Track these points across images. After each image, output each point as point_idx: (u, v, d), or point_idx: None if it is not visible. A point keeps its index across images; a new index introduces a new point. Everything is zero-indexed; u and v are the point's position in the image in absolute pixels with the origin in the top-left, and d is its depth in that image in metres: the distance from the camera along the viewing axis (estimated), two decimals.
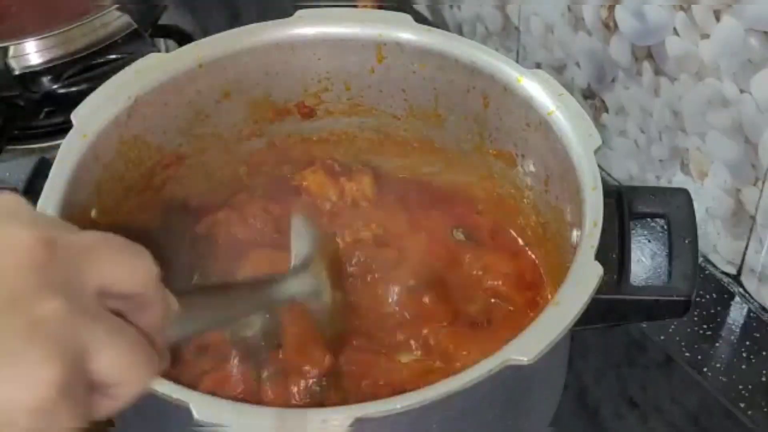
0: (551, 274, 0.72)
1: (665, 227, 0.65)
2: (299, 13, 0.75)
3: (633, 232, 0.64)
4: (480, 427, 0.59)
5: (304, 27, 0.74)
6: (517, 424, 0.62)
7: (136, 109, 0.70)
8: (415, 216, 0.77)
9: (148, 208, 0.73)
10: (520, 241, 0.76)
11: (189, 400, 0.52)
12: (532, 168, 0.72)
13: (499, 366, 0.52)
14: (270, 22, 0.74)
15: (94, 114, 0.68)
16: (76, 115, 0.68)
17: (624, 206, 0.64)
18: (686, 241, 0.63)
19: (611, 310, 0.61)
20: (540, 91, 0.68)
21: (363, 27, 0.74)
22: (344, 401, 0.63)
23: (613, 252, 0.61)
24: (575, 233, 0.62)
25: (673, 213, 0.65)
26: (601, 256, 0.58)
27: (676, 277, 0.62)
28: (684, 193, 0.66)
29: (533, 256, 0.75)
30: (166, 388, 0.52)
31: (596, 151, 0.64)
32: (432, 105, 0.76)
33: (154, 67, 0.71)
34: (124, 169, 0.70)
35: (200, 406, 0.51)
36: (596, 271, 0.57)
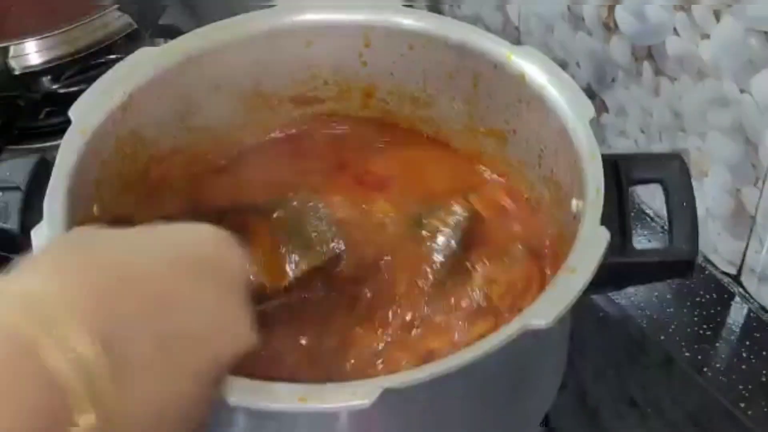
0: (550, 245, 0.72)
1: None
2: (284, 1, 0.75)
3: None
4: (497, 396, 0.60)
5: (290, 15, 0.74)
6: (531, 388, 0.64)
7: (130, 104, 0.69)
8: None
9: (145, 202, 0.73)
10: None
11: None
12: (524, 143, 0.72)
13: (518, 331, 0.53)
14: (256, 12, 0.74)
15: (91, 110, 0.68)
16: (73, 111, 0.68)
17: (621, 174, 0.65)
18: (684, 204, 0.63)
19: (617, 274, 0.61)
20: (531, 66, 0.68)
21: (349, 13, 0.74)
22: None
23: (614, 219, 0.62)
24: (575, 203, 0.63)
25: (669, 178, 0.65)
26: (603, 222, 0.59)
27: (678, 239, 0.62)
28: (678, 158, 0.66)
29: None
30: None
31: (591, 121, 0.64)
32: (420, 87, 0.76)
33: (145, 62, 0.71)
34: (121, 165, 0.70)
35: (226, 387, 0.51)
36: (604, 235, 0.57)
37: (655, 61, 0.79)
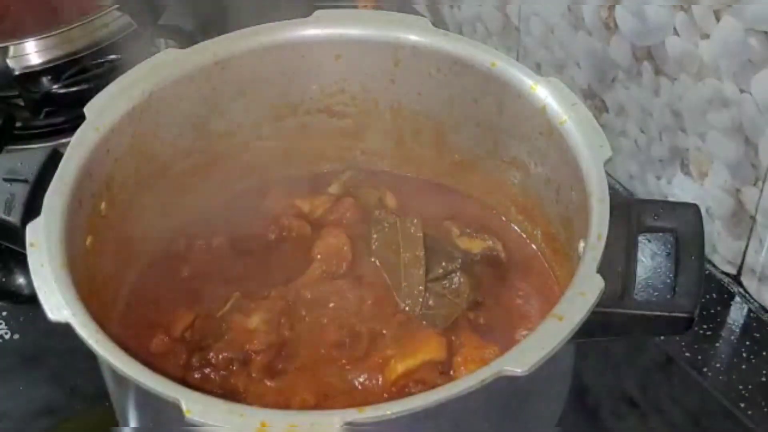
0: (561, 284, 0.71)
1: (673, 242, 0.64)
2: (317, 13, 0.74)
3: (641, 245, 0.63)
4: None
5: (322, 28, 0.74)
6: (520, 429, 0.62)
7: (150, 103, 0.70)
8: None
9: (160, 203, 0.73)
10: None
11: (180, 396, 0.52)
12: (544, 177, 0.71)
13: (492, 376, 0.52)
14: (287, 22, 0.74)
15: (108, 108, 0.68)
16: (89, 108, 0.68)
17: (632, 219, 0.63)
18: (693, 258, 0.62)
19: (613, 323, 0.60)
20: (553, 99, 0.68)
21: (381, 29, 0.74)
22: None
23: (619, 265, 0.60)
24: (581, 244, 0.62)
25: (682, 228, 0.63)
26: (605, 268, 0.57)
27: (680, 294, 0.61)
28: (693, 208, 0.64)
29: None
30: (159, 384, 0.53)
31: (606, 163, 0.63)
32: (447, 109, 0.76)
33: (170, 63, 0.71)
34: (137, 164, 0.70)
35: (190, 402, 0.51)
36: (597, 284, 0.56)
37: (655, 61, 0.79)
